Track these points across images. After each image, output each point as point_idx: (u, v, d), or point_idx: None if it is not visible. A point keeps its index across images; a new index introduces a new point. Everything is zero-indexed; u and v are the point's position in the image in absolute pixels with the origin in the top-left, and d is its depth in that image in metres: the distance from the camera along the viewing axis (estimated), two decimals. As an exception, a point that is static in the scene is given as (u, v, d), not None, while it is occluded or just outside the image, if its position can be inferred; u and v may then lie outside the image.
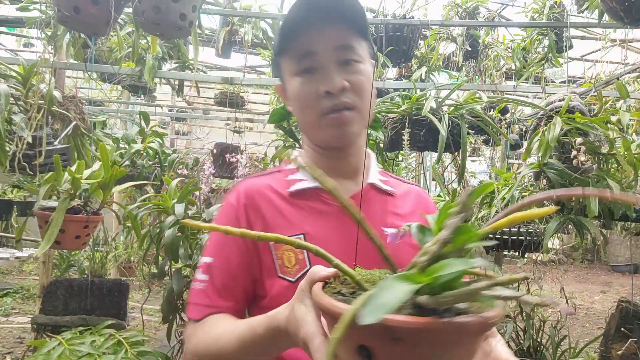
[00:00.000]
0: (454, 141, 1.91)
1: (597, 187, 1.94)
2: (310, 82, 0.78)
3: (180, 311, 2.11)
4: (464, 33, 3.43)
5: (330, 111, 0.78)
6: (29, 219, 2.11)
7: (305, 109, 0.80)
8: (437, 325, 0.38)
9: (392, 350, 0.40)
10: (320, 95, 0.77)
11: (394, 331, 0.38)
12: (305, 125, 0.84)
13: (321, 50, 0.77)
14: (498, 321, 0.42)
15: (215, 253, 0.81)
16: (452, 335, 0.39)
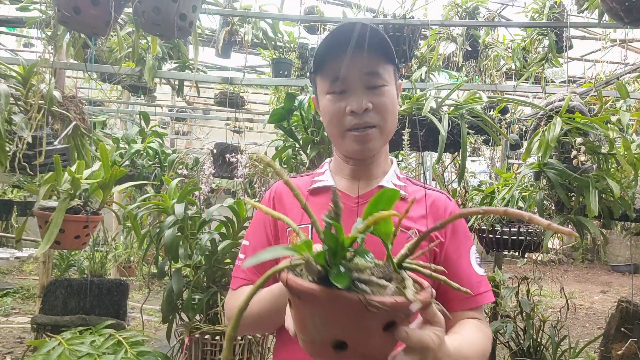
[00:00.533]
0: (454, 141, 1.91)
1: (597, 187, 1.94)
2: (338, 101, 0.91)
3: (180, 311, 2.11)
4: (464, 33, 3.43)
5: (353, 128, 0.91)
6: (29, 219, 2.11)
7: (332, 123, 0.93)
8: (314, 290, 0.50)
9: (297, 303, 0.55)
10: (346, 113, 0.90)
11: (292, 289, 0.53)
12: (332, 136, 0.97)
13: (350, 75, 0.89)
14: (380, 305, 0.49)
15: (250, 237, 1.02)
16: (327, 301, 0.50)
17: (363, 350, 0.54)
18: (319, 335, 0.54)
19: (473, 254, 0.97)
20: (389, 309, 0.50)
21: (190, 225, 2.13)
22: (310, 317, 0.54)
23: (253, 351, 1.98)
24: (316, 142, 2.09)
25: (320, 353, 0.55)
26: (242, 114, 5.42)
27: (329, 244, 0.52)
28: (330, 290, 0.50)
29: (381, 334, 0.53)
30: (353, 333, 0.52)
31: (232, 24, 3.35)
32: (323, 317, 0.53)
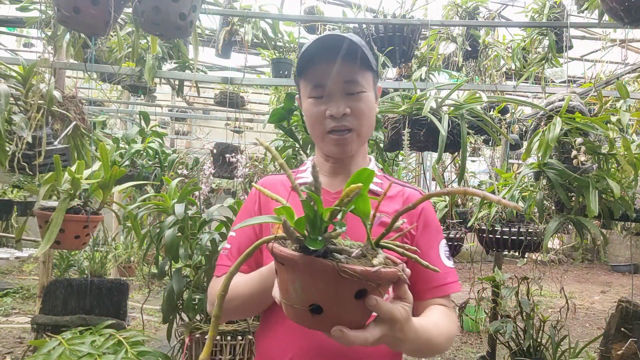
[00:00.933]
0: (454, 141, 1.91)
1: (597, 187, 1.94)
2: (319, 105, 0.98)
3: (180, 311, 2.11)
4: (464, 33, 3.43)
5: (332, 131, 0.98)
6: (29, 219, 2.11)
7: (313, 125, 1.00)
8: (293, 256, 0.57)
9: (281, 269, 0.62)
10: (326, 117, 0.97)
11: (276, 256, 0.60)
12: (313, 137, 1.04)
13: (330, 82, 0.96)
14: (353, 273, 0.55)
15: (237, 229, 1.07)
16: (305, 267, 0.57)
17: (337, 315, 0.59)
18: (298, 299, 0.60)
19: (442, 247, 1.05)
20: (360, 276, 0.55)
21: (191, 225, 2.13)
22: (292, 282, 0.60)
23: (253, 351, 1.98)
24: (316, 142, 2.09)
25: (300, 317, 0.61)
26: (242, 114, 5.42)
27: (308, 214, 0.57)
28: (308, 257, 0.56)
29: (353, 301, 0.59)
30: (328, 298, 0.58)
31: (232, 24, 3.35)
32: (302, 282, 0.59)
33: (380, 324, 0.65)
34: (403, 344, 0.71)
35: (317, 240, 0.57)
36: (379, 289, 0.61)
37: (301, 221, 0.57)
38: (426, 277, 0.98)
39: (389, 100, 2.13)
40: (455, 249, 2.44)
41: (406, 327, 0.68)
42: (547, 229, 2.07)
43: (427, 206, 1.06)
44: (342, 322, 0.60)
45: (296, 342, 0.95)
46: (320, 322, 0.60)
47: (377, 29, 2.90)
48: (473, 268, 3.59)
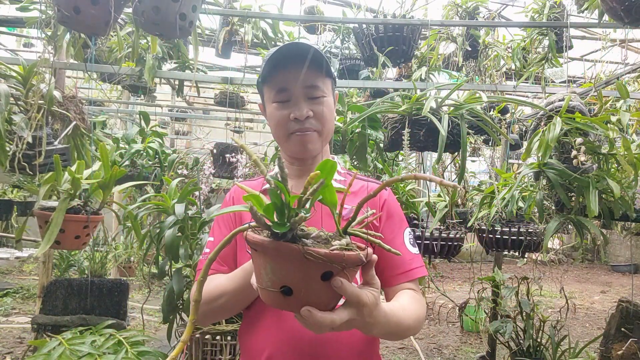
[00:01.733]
0: (454, 141, 1.91)
1: (597, 187, 1.94)
2: (283, 109, 1.04)
3: (180, 311, 2.11)
4: (464, 33, 3.43)
5: (295, 132, 1.04)
6: (29, 219, 2.11)
7: (278, 128, 1.06)
8: (263, 241, 0.62)
9: (255, 255, 0.67)
10: (290, 119, 1.04)
11: (249, 242, 0.65)
12: (278, 139, 1.10)
13: (293, 87, 1.03)
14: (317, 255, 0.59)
15: (216, 234, 1.13)
16: (274, 251, 0.61)
17: (306, 297, 0.63)
18: (270, 282, 0.65)
19: (407, 235, 1.11)
20: (324, 258, 0.59)
21: (191, 225, 2.13)
22: (263, 266, 0.65)
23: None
24: (316, 142, 2.09)
25: (272, 298, 0.66)
26: (242, 114, 5.42)
27: (274, 201, 0.62)
28: (276, 241, 0.61)
29: (321, 283, 0.63)
30: (296, 279, 0.62)
31: (232, 24, 3.35)
32: (272, 266, 0.63)
33: (348, 307, 0.67)
34: (374, 328, 0.75)
35: (283, 225, 0.61)
36: (344, 271, 0.64)
37: (269, 208, 0.62)
38: (393, 264, 1.04)
39: (388, 100, 2.13)
40: (455, 249, 2.44)
41: (375, 311, 0.71)
42: (547, 229, 2.07)
43: (389, 198, 1.14)
44: (310, 303, 0.63)
45: (273, 337, 1.00)
46: (291, 303, 0.64)
47: (377, 29, 2.90)
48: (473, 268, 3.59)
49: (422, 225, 2.61)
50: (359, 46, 3.12)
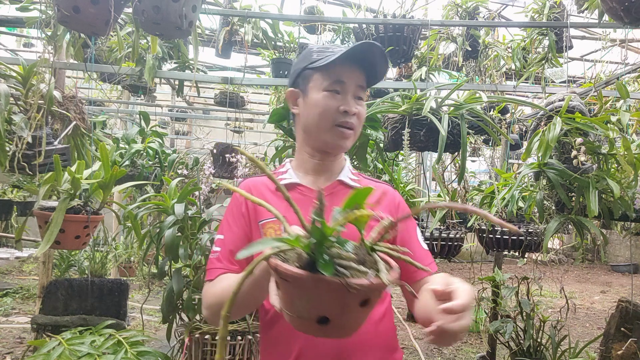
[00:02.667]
0: (454, 141, 1.91)
1: (597, 187, 1.94)
2: (334, 100, 1.05)
3: (180, 311, 2.11)
4: (464, 33, 3.43)
5: (341, 125, 1.06)
6: (29, 219, 2.11)
7: (323, 116, 1.06)
8: (301, 275, 0.58)
9: (283, 284, 0.64)
10: (339, 111, 1.05)
11: (281, 274, 0.61)
12: (316, 128, 1.08)
13: (349, 82, 1.06)
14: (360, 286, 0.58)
15: (225, 231, 1.10)
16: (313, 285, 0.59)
17: (342, 322, 0.63)
18: (305, 313, 0.63)
19: (418, 234, 1.15)
20: (367, 289, 0.59)
21: (191, 225, 2.13)
22: (298, 297, 0.63)
23: (253, 351, 1.98)
24: (316, 142, 2.09)
25: (305, 327, 0.64)
26: (242, 114, 5.42)
27: (316, 237, 0.61)
28: (316, 275, 0.59)
29: (358, 309, 0.62)
30: (335, 310, 0.61)
31: (232, 24, 3.35)
32: (309, 298, 0.61)
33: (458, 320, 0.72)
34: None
35: (327, 263, 0.59)
36: (381, 294, 0.65)
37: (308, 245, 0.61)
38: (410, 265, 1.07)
39: (389, 100, 2.13)
40: (456, 249, 2.44)
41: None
42: (547, 229, 2.07)
43: (400, 198, 1.19)
44: (347, 327, 0.64)
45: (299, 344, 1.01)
46: (328, 330, 0.63)
47: (377, 29, 2.90)
48: (473, 268, 3.59)
49: (422, 225, 2.61)
50: (359, 46, 3.12)
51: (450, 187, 2.88)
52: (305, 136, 1.12)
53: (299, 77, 1.11)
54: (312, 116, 1.07)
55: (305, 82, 1.10)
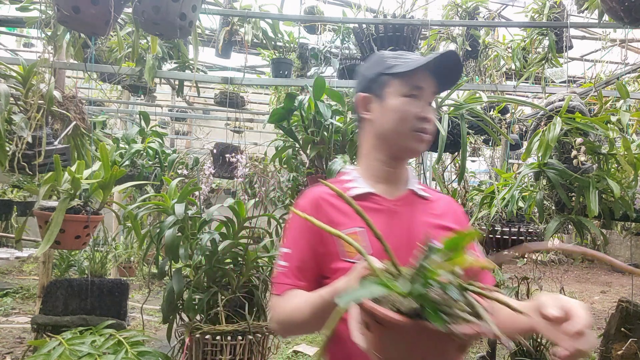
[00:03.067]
0: (454, 141, 1.91)
1: (597, 187, 1.94)
2: (413, 105, 1.05)
3: (180, 311, 2.11)
4: (464, 33, 3.43)
5: (420, 130, 1.05)
6: (29, 219, 2.11)
7: (401, 121, 1.05)
8: (404, 322, 0.56)
9: (377, 328, 0.60)
10: (418, 117, 1.05)
11: (375, 316, 0.58)
12: (392, 133, 1.07)
13: (427, 88, 1.07)
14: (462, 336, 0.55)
15: (292, 245, 1.07)
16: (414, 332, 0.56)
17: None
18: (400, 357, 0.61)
19: (478, 249, 1.12)
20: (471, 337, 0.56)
21: (191, 225, 2.13)
22: (393, 342, 0.60)
23: (254, 351, 1.98)
24: (316, 142, 2.09)
25: None
26: (242, 114, 5.41)
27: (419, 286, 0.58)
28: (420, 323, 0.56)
29: (455, 353, 0.60)
30: (433, 355, 0.59)
31: (232, 24, 3.35)
32: (407, 344, 0.59)
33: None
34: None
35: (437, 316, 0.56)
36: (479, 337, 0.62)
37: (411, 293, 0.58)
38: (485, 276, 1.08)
39: (389, 100, 2.13)
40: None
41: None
42: (547, 229, 2.07)
43: (462, 210, 1.19)
44: None
45: None
46: None
47: (377, 28, 2.90)
48: (473, 268, 3.58)
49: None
50: (359, 46, 3.12)
51: (450, 187, 2.88)
52: (378, 142, 1.10)
53: (373, 82, 1.10)
54: (390, 121, 1.06)
55: (382, 87, 1.08)
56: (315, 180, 2.07)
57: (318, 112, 2.00)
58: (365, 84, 1.12)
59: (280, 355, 4.06)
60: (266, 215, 2.56)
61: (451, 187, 2.87)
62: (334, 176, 1.85)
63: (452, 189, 2.81)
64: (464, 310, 0.59)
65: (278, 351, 2.37)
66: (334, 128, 2.05)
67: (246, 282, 2.14)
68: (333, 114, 2.06)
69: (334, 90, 2.06)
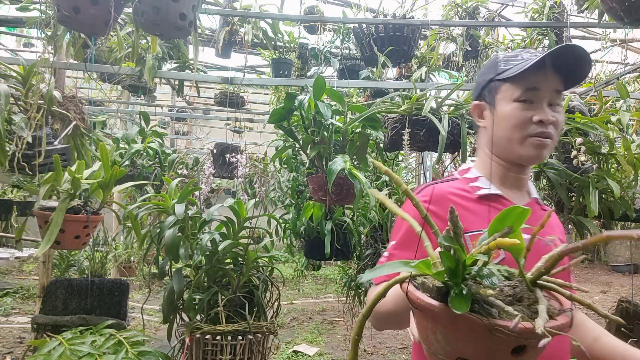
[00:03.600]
0: (454, 141, 1.91)
1: (597, 187, 1.94)
2: (526, 110, 0.98)
3: (180, 311, 2.11)
4: (464, 33, 3.43)
5: (535, 136, 0.98)
6: (29, 219, 2.11)
7: (516, 129, 0.99)
8: (433, 307, 0.52)
9: (418, 314, 0.57)
10: (532, 122, 0.97)
11: (412, 302, 0.55)
12: (509, 141, 1.01)
13: (544, 88, 0.98)
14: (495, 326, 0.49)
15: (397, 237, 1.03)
16: (447, 320, 0.51)
17: None
18: (441, 350, 0.54)
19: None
20: (517, 334, 0.48)
21: (191, 225, 2.13)
22: (432, 331, 0.55)
23: (254, 351, 1.98)
24: (316, 142, 2.09)
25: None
26: (242, 114, 5.41)
27: (448, 266, 0.52)
28: (450, 310, 0.49)
29: (510, 356, 0.50)
30: (478, 354, 0.51)
31: (232, 24, 3.35)
32: (445, 334, 0.53)
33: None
34: None
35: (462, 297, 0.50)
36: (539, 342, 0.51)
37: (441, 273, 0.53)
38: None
39: (388, 101, 2.13)
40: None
41: None
42: (547, 229, 2.07)
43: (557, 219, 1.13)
44: None
45: None
46: None
47: (377, 29, 2.90)
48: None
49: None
50: (359, 46, 3.12)
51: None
52: (495, 150, 1.05)
53: (485, 89, 1.05)
54: (502, 130, 1.01)
55: (492, 94, 1.03)
56: (315, 180, 2.07)
57: (318, 112, 2.00)
58: (478, 91, 1.08)
59: (281, 355, 4.06)
60: (266, 215, 2.56)
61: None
62: (333, 177, 1.84)
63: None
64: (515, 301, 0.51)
65: (278, 351, 2.37)
66: (334, 128, 2.05)
67: (246, 282, 2.14)
68: (333, 114, 2.06)
69: (334, 90, 2.06)
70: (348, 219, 2.66)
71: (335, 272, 7.41)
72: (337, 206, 2.62)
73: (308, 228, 2.64)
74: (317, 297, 6.57)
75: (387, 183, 2.96)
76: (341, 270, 3.81)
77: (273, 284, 2.21)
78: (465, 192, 1.04)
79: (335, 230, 2.59)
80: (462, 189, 1.05)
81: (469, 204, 1.01)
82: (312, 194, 2.15)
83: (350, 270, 3.29)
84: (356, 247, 2.81)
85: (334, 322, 5.28)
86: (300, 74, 3.85)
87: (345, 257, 2.70)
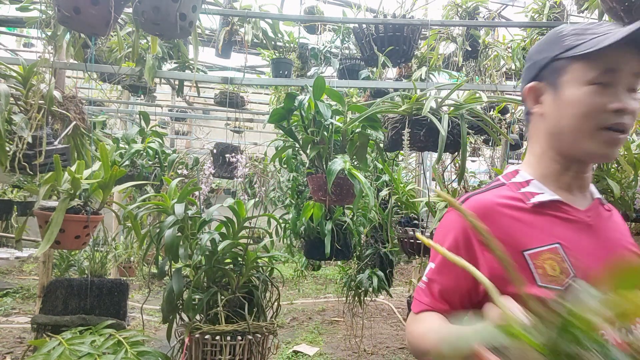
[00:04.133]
0: (454, 141, 1.91)
1: (597, 187, 1.94)
2: (602, 95, 0.81)
3: (180, 311, 2.11)
4: (464, 33, 3.43)
5: (610, 128, 0.82)
6: (29, 219, 2.11)
7: (586, 117, 0.82)
8: None
9: None
10: (608, 110, 0.81)
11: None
12: (570, 134, 0.85)
13: (624, 70, 0.81)
14: None
15: (439, 263, 0.90)
16: None
17: None
18: None
19: None
20: None
21: (191, 225, 2.13)
22: None
23: (253, 351, 1.98)
24: (316, 142, 2.10)
25: None
26: (242, 114, 5.42)
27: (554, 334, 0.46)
28: None
29: None
30: None
31: (232, 24, 3.35)
32: None
33: None
34: None
35: None
36: None
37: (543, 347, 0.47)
38: None
39: (388, 100, 2.13)
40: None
41: None
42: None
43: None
44: None
45: None
46: None
47: (377, 28, 2.90)
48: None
49: (422, 225, 2.61)
50: (359, 46, 3.12)
51: (450, 187, 2.88)
52: (554, 143, 0.89)
53: (545, 68, 0.88)
54: (569, 118, 0.84)
55: (557, 74, 0.86)
56: (315, 180, 2.07)
57: (318, 112, 2.00)
58: (535, 71, 0.90)
59: (280, 355, 4.06)
60: (266, 215, 2.56)
61: (451, 187, 2.87)
62: (333, 177, 1.84)
63: (452, 189, 2.81)
64: None
65: (278, 351, 2.37)
66: (334, 128, 2.05)
67: (246, 282, 2.14)
68: (333, 114, 2.06)
69: (334, 90, 2.06)
70: (348, 219, 2.66)
71: (335, 272, 7.42)
72: (337, 206, 2.62)
73: (308, 228, 2.65)
74: (317, 297, 6.57)
75: (387, 183, 2.96)
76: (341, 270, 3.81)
77: (273, 284, 2.21)
78: (516, 202, 0.88)
79: (335, 230, 2.59)
80: (511, 197, 0.89)
81: (523, 214, 0.86)
82: (312, 194, 2.15)
83: (350, 270, 3.29)
84: (356, 247, 2.81)
85: (334, 322, 5.28)
86: (300, 74, 3.85)
87: (345, 257, 2.71)
